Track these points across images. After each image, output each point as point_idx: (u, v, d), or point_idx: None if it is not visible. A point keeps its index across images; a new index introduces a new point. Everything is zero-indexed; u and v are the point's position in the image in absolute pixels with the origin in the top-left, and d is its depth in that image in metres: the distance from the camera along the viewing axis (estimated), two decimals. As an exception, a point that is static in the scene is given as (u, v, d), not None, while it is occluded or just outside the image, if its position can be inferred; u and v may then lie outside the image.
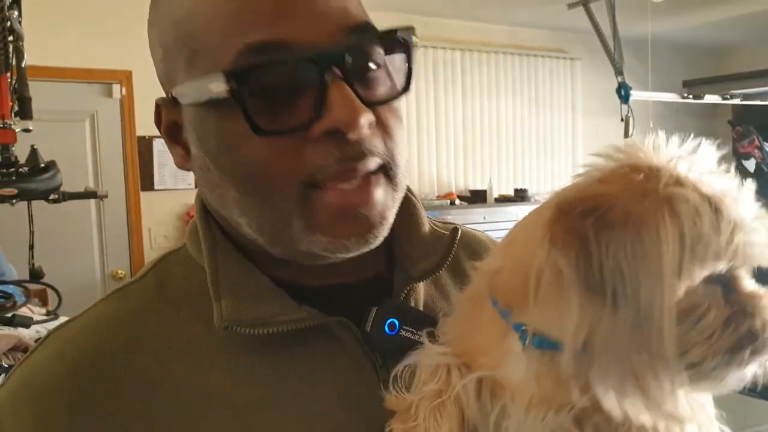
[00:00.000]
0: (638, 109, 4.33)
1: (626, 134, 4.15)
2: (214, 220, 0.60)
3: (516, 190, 4.65)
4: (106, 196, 2.24)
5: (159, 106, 0.59)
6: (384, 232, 0.56)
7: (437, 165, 4.58)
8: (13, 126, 1.71)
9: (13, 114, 1.72)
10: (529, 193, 4.61)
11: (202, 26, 0.53)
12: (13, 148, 1.75)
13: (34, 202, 1.86)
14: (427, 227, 0.65)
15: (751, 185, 0.47)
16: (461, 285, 0.63)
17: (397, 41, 0.55)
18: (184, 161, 0.59)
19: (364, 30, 0.54)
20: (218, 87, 0.50)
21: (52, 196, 1.82)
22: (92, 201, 2.61)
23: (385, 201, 0.55)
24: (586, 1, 3.83)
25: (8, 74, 1.68)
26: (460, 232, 0.64)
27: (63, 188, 1.86)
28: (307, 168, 0.51)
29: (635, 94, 4.15)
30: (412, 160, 4.46)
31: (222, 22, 0.52)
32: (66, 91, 3.55)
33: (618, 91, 4.08)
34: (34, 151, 1.79)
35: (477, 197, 4.51)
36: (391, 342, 0.57)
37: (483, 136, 4.74)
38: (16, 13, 1.61)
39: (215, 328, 0.54)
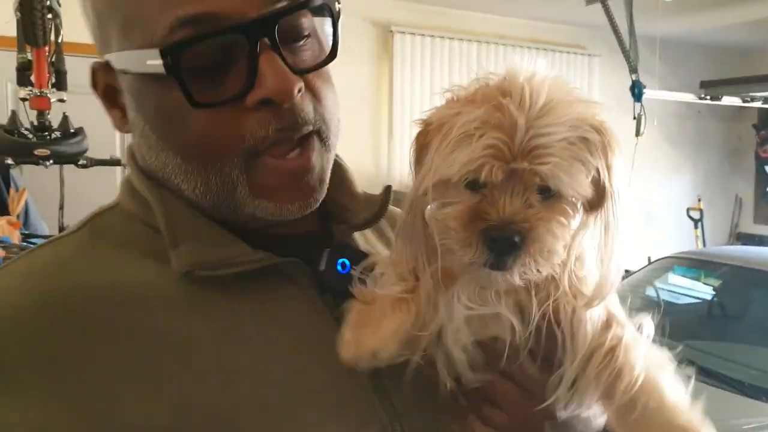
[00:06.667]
0: (658, 108, 4.34)
1: (637, 132, 4.17)
2: (155, 177, 0.60)
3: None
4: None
5: (95, 70, 0.59)
6: (322, 194, 0.59)
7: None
8: (49, 95, 1.90)
9: (50, 85, 1.91)
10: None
11: None
12: (49, 116, 1.95)
13: (65, 169, 2.07)
14: (360, 189, 0.70)
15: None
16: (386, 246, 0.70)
17: (323, 8, 0.57)
18: (122, 124, 0.60)
19: None
20: (154, 62, 0.52)
21: (80, 162, 2.01)
22: (118, 169, 2.83)
23: (322, 164, 0.58)
24: (603, -2, 3.85)
25: (46, 48, 1.86)
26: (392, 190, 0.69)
27: (91, 156, 2.06)
28: (247, 137, 0.53)
29: (649, 93, 4.15)
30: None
31: None
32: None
33: (632, 88, 4.10)
34: (65, 118, 1.99)
35: (488, 187, 4.54)
36: (343, 281, 0.58)
37: (498, 127, 4.79)
38: (55, -8, 1.79)
39: (167, 275, 0.54)
